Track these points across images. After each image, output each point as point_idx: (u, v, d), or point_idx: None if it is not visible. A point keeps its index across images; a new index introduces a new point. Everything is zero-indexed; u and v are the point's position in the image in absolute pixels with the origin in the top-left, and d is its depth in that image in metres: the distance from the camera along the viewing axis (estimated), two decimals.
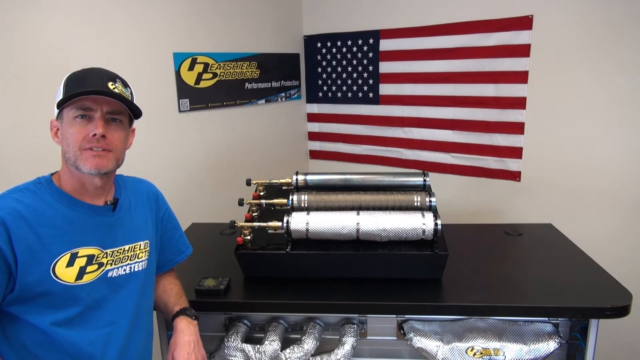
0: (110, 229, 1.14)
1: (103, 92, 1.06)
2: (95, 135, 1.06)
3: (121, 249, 1.15)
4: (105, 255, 1.11)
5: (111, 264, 1.13)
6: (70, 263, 1.05)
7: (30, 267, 0.99)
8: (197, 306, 1.40)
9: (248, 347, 1.40)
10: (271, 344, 1.39)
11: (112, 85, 1.09)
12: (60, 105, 1.06)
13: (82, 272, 1.06)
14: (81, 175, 1.09)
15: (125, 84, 1.14)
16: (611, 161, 2.31)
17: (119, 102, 1.09)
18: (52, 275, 1.02)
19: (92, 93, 1.05)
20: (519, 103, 2.55)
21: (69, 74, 1.11)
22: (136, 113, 1.15)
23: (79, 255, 1.06)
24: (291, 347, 1.40)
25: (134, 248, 1.19)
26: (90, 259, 1.08)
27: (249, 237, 1.51)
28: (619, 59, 2.22)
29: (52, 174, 1.15)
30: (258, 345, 1.40)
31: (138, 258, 1.19)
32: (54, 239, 1.04)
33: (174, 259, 1.40)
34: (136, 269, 1.18)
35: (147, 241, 1.24)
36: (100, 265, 1.10)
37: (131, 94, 1.16)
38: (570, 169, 2.44)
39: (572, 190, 2.46)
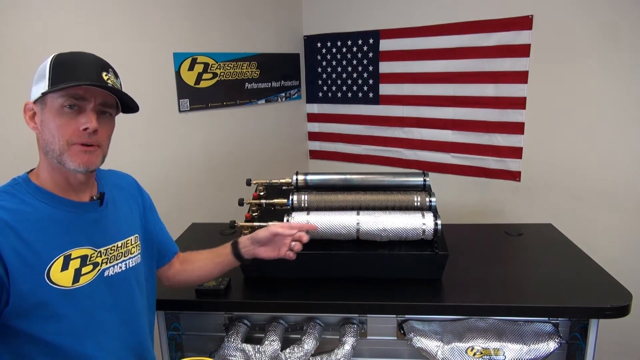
0: (99, 225, 1.08)
1: (103, 86, 0.97)
2: (86, 129, 0.97)
3: (114, 246, 1.10)
4: (99, 255, 1.06)
5: (106, 263, 1.07)
6: (65, 267, 0.98)
7: (22, 275, 0.93)
8: (197, 306, 1.40)
9: (248, 347, 1.40)
10: (271, 344, 1.39)
11: (105, 75, 1.00)
12: (47, 92, 0.95)
13: (77, 275, 1.00)
14: (64, 169, 1.01)
15: (116, 74, 1.05)
16: (611, 161, 2.31)
17: (112, 95, 1.01)
18: (47, 281, 0.95)
19: (92, 85, 0.96)
20: (519, 103, 2.54)
21: (54, 55, 1.00)
22: (130, 107, 1.06)
23: (72, 257, 1.00)
24: (291, 347, 1.40)
25: (127, 244, 1.13)
26: (84, 259, 1.02)
27: None
28: (619, 59, 2.21)
29: (28, 172, 1.05)
30: (258, 345, 1.40)
31: (131, 254, 1.14)
32: (44, 243, 0.96)
33: (173, 249, 1.36)
34: (131, 265, 1.13)
35: (137, 235, 1.18)
36: (95, 265, 1.05)
37: (120, 84, 1.06)
38: (570, 169, 2.44)
39: (572, 190, 2.45)
